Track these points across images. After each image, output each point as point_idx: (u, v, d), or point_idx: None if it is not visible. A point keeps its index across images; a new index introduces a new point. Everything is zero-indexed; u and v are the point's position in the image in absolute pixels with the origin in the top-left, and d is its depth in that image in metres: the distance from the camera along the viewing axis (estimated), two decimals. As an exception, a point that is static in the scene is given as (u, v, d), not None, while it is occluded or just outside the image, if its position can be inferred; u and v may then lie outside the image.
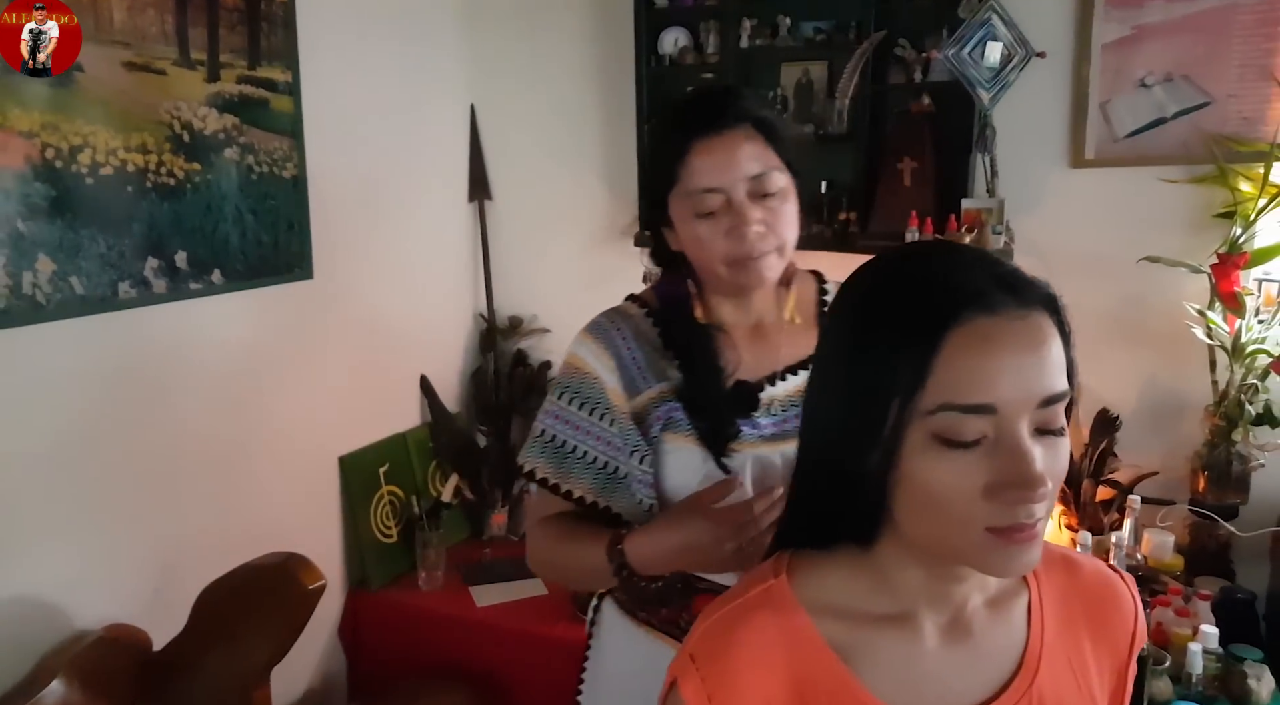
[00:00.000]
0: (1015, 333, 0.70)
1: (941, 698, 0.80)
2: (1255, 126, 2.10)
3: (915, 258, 0.81)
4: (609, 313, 1.29)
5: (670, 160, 1.17)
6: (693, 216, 1.16)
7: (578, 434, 1.22)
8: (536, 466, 1.24)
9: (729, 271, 1.17)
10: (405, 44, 2.58)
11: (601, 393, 1.21)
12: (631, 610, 1.28)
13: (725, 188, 1.14)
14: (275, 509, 2.25)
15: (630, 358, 1.22)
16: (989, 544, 0.71)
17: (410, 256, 2.66)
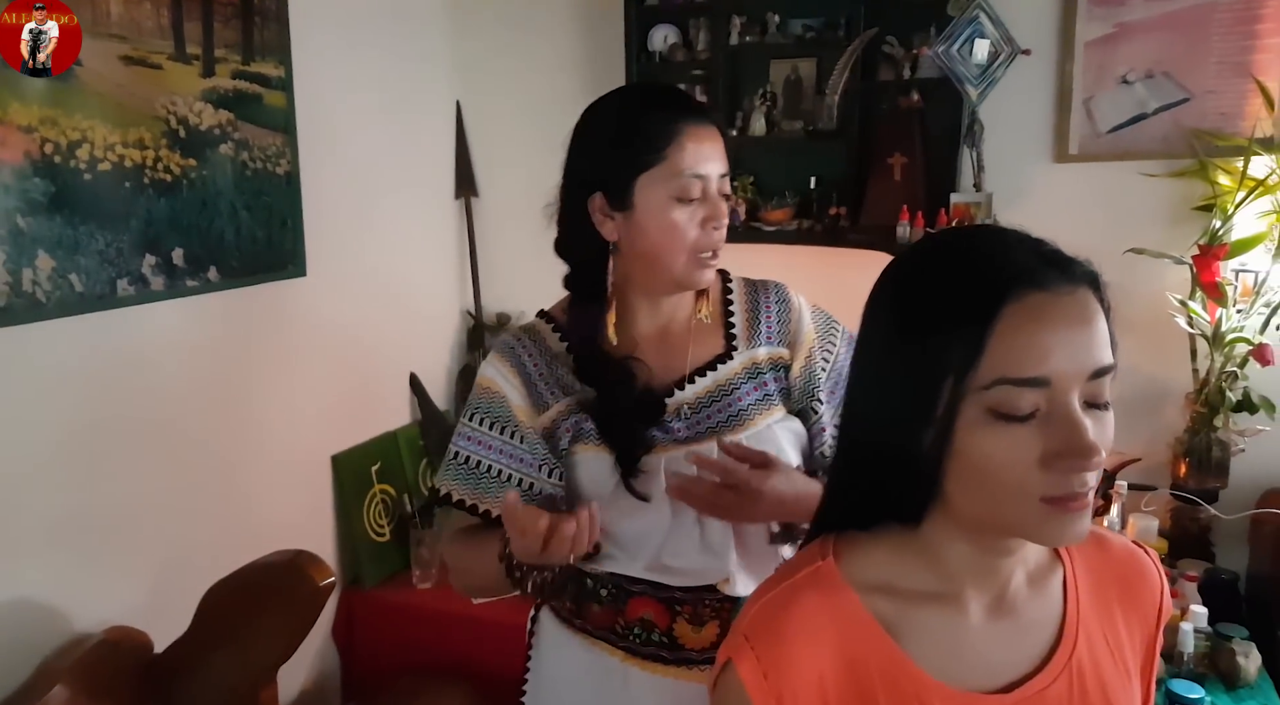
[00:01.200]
0: (1066, 307, 0.73)
1: (987, 671, 0.82)
2: (1233, 121, 2.17)
3: (961, 240, 0.84)
4: (517, 331, 1.29)
5: (660, 140, 1.14)
6: (671, 200, 1.14)
7: (490, 453, 1.21)
8: (452, 489, 1.23)
9: (686, 265, 1.16)
10: (392, 40, 2.57)
11: (509, 411, 1.20)
12: (567, 618, 1.27)
13: (708, 177, 1.15)
14: (271, 508, 2.23)
15: (537, 374, 1.22)
16: (1044, 513, 0.73)
17: (398, 254, 2.65)
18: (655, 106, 1.19)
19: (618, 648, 1.22)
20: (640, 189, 1.15)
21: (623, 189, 1.17)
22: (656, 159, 1.14)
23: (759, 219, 2.47)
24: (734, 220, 2.45)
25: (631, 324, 1.23)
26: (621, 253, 1.19)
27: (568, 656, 1.27)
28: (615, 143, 1.18)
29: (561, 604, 1.27)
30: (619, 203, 1.17)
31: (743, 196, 2.48)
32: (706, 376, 1.23)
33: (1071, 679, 0.83)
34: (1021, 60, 2.23)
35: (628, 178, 1.16)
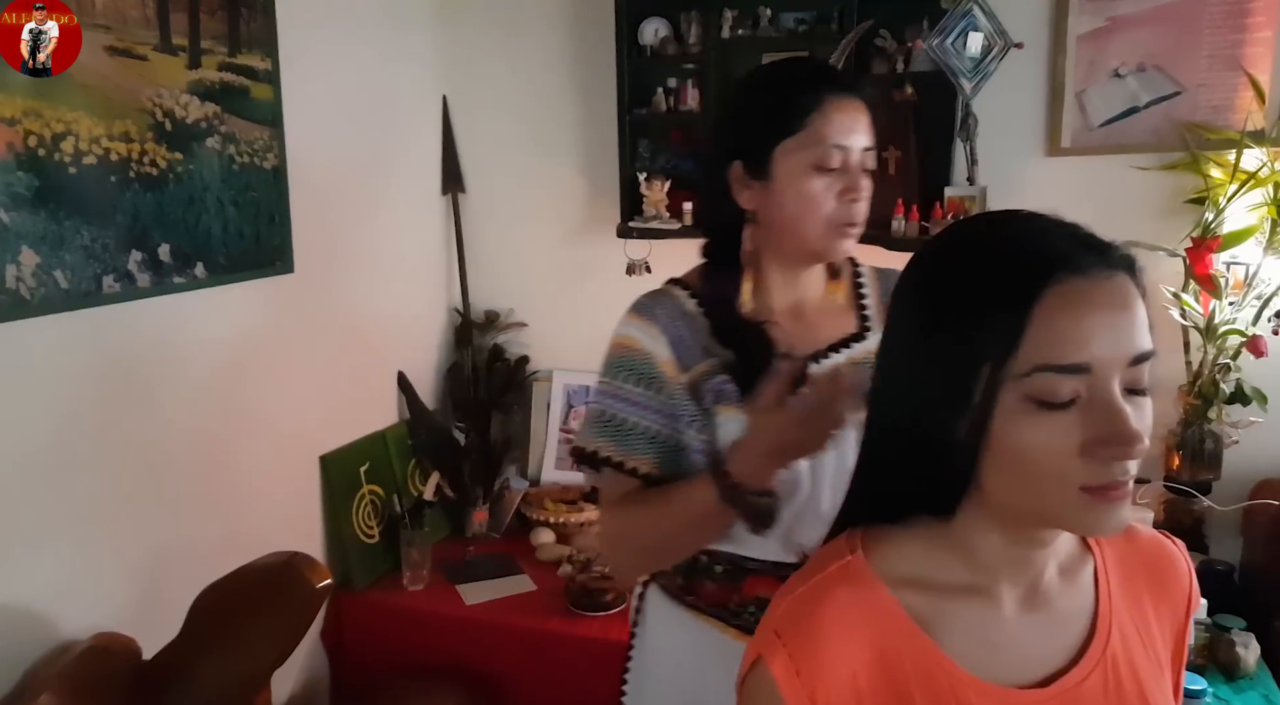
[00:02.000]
0: (1105, 292, 0.72)
1: (1022, 665, 0.81)
2: (1224, 114, 2.18)
3: (994, 226, 0.82)
4: (652, 295, 1.29)
5: (800, 108, 1.15)
6: (810, 169, 1.15)
7: (636, 410, 1.22)
8: (599, 447, 1.23)
9: (823, 236, 1.18)
10: (378, 33, 2.53)
11: (655, 367, 1.21)
12: (678, 595, 1.28)
13: (850, 149, 1.16)
14: (259, 510, 2.18)
15: (678, 336, 1.23)
16: (1084, 503, 0.72)
17: (385, 250, 2.61)
18: (799, 76, 1.20)
19: (730, 626, 1.23)
20: (778, 157, 1.16)
21: (761, 157, 1.18)
22: (796, 127, 1.15)
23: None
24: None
25: (766, 295, 1.25)
26: (758, 222, 1.21)
27: (675, 633, 1.28)
28: (755, 111, 1.20)
29: (671, 581, 1.28)
30: (757, 171, 1.19)
31: (736, 191, 2.46)
32: (841, 353, 1.24)
33: (1106, 672, 0.82)
34: (1014, 54, 2.23)
35: (766, 146, 1.17)
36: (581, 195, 2.75)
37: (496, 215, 2.86)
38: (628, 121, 2.48)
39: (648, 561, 1.28)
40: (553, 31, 2.68)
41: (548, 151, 2.75)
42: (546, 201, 2.79)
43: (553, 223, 2.80)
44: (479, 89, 2.79)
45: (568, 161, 2.74)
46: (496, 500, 2.75)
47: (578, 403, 2.83)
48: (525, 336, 2.88)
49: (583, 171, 2.73)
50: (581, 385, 2.83)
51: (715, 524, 1.15)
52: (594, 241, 2.72)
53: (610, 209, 2.64)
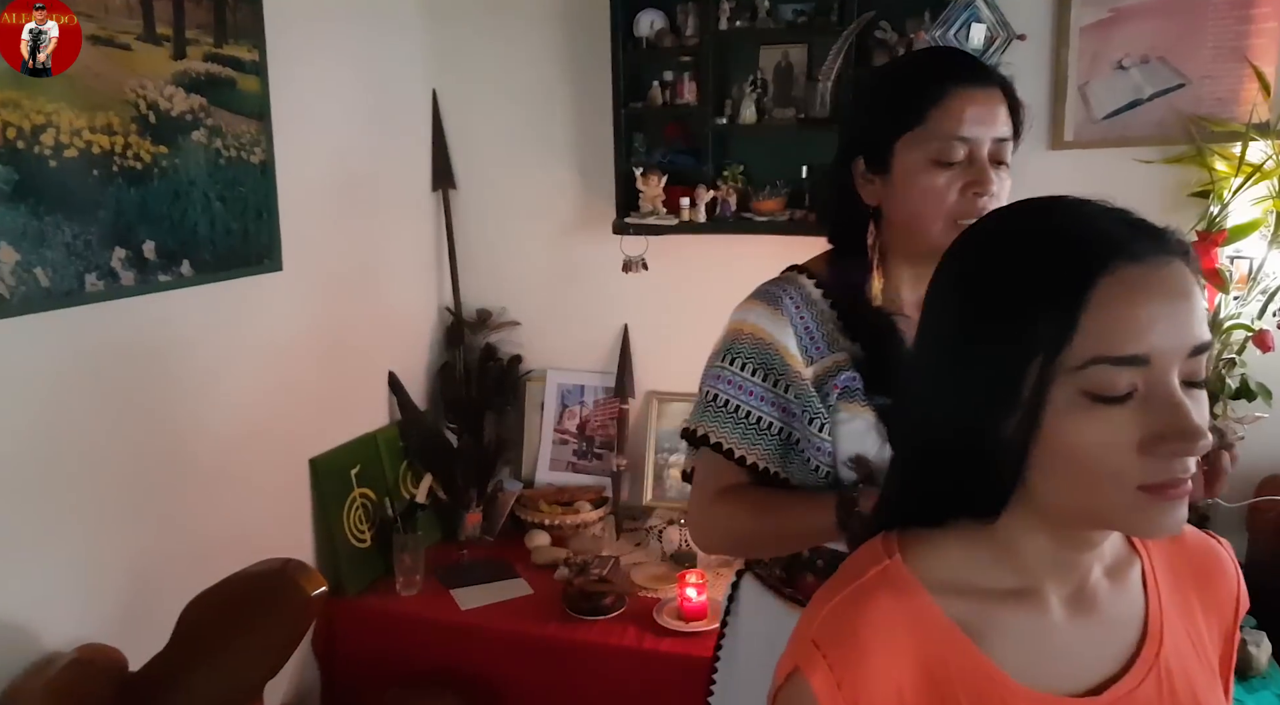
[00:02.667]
0: (1164, 279, 0.68)
1: (1072, 672, 0.77)
2: (1229, 107, 2.16)
3: (1040, 212, 0.78)
4: (776, 282, 1.25)
5: (922, 101, 1.12)
6: (931, 163, 1.12)
7: (753, 400, 1.18)
8: (710, 431, 1.19)
9: (945, 231, 1.13)
10: (366, 24, 2.47)
11: (779, 358, 1.17)
12: (776, 587, 1.27)
13: (976, 141, 1.12)
14: (247, 515, 2.12)
15: (804, 326, 1.19)
16: (1141, 502, 0.68)
17: (375, 248, 2.55)
18: (926, 68, 1.18)
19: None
20: (899, 151, 1.14)
21: (882, 151, 1.15)
22: (916, 120, 1.12)
23: (750, 209, 2.41)
24: (724, 211, 2.41)
25: (895, 289, 1.21)
26: (884, 218, 1.19)
27: (770, 622, 1.25)
28: (878, 104, 1.18)
29: (770, 572, 1.27)
30: (878, 165, 1.16)
31: (732, 186, 2.42)
32: None
33: (1160, 678, 0.78)
34: (1017, 46, 2.19)
35: (887, 140, 1.14)
36: (575, 191, 2.70)
37: (488, 212, 2.80)
38: (623, 115, 2.43)
39: (740, 551, 1.30)
40: (545, 24, 2.63)
41: (540, 146, 2.70)
42: (539, 197, 2.73)
43: (546, 219, 2.74)
44: (470, 83, 2.73)
45: (561, 157, 2.69)
46: (490, 502, 2.70)
47: (571, 402, 2.78)
48: (518, 335, 2.83)
49: (576, 167, 2.68)
50: (576, 384, 2.78)
51: (819, 541, 1.16)
52: (588, 238, 2.67)
53: (605, 205, 2.59)
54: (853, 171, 1.19)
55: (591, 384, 2.76)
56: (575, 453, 2.77)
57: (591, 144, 2.61)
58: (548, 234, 2.75)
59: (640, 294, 2.63)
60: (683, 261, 2.56)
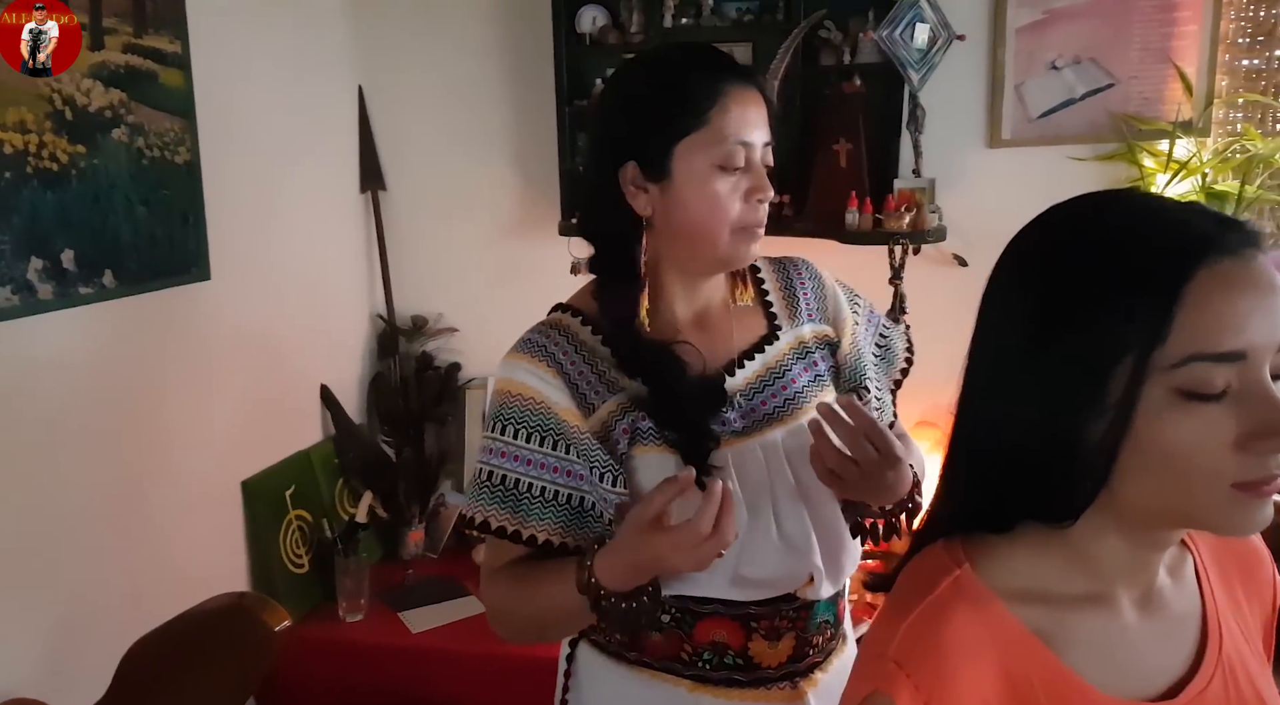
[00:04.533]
0: (1255, 274, 0.67)
1: (1147, 675, 0.76)
2: (1154, 106, 2.25)
3: (1113, 207, 0.76)
4: (539, 328, 1.14)
5: (700, 102, 1.03)
6: (713, 169, 1.04)
7: (530, 469, 1.06)
8: (490, 516, 1.06)
9: (730, 241, 1.06)
10: (289, 16, 2.32)
11: (551, 416, 1.06)
12: (617, 651, 1.13)
13: (753, 145, 1.05)
14: (177, 546, 1.96)
15: (576, 372, 1.08)
16: (1235, 500, 0.67)
17: (302, 254, 2.40)
18: (695, 66, 1.07)
19: (684, 677, 1.09)
20: (679, 156, 1.04)
21: (659, 157, 1.05)
22: (697, 123, 1.03)
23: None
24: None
25: (668, 308, 1.12)
26: (656, 229, 1.08)
27: (618, 695, 1.12)
28: (650, 106, 1.06)
29: (608, 637, 1.13)
30: (654, 172, 1.05)
31: (681, 186, 2.38)
32: (755, 360, 1.13)
33: (1225, 676, 0.78)
34: (956, 46, 2.23)
35: (665, 144, 1.04)
36: (515, 191, 2.61)
37: (421, 214, 2.68)
38: (567, 113, 2.36)
39: (531, 638, 1.15)
40: (480, 18, 2.53)
41: (477, 145, 2.60)
42: (476, 198, 2.63)
43: (484, 221, 2.65)
44: (398, 79, 2.61)
45: (499, 156, 2.60)
46: (433, 518, 2.59)
47: (514, 411, 2.69)
48: (456, 342, 2.72)
49: (516, 166, 2.59)
50: (518, 392, 2.69)
51: (586, 620, 1.03)
52: (530, 240, 2.59)
53: (548, 206, 2.52)
54: (620, 179, 1.07)
55: (535, 391, 2.67)
56: (520, 462, 2.67)
57: (532, 143, 2.52)
58: (486, 236, 2.65)
59: (584, 297, 2.56)
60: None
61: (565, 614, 1.03)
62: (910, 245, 2.19)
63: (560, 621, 1.07)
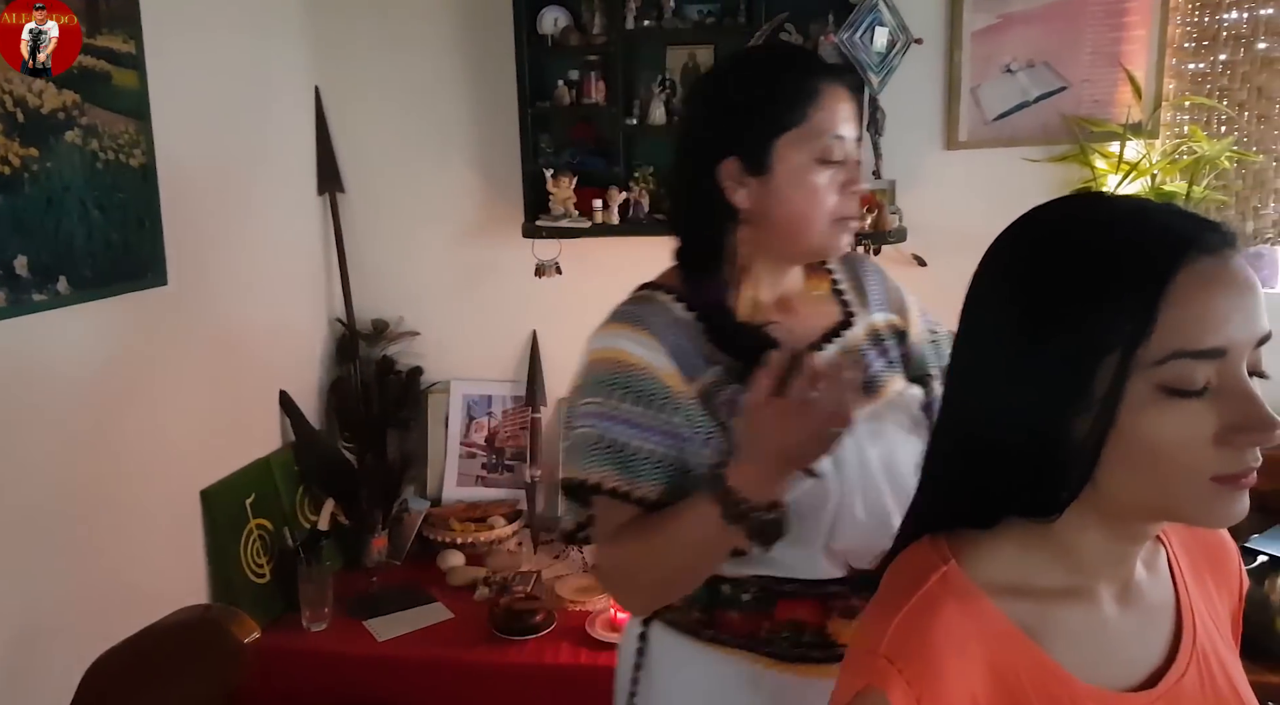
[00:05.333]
0: (1234, 272, 0.69)
1: (1125, 666, 0.78)
2: (1105, 108, 2.31)
3: (1097, 207, 0.78)
4: (635, 302, 1.18)
5: (799, 99, 1.09)
6: (812, 162, 1.10)
7: (638, 431, 1.10)
8: (603, 477, 1.10)
9: (826, 232, 1.12)
10: (244, 14, 2.27)
11: (656, 381, 1.10)
12: (694, 630, 1.17)
13: (849, 138, 1.11)
14: (136, 557, 1.91)
15: (675, 342, 1.12)
16: (1213, 493, 0.69)
17: (260, 257, 2.35)
18: (792, 65, 1.14)
19: (760, 655, 1.13)
20: (779, 151, 1.10)
21: (760, 152, 1.11)
22: (797, 119, 1.09)
23: (663, 211, 2.38)
24: (637, 213, 2.37)
25: (753, 293, 1.18)
26: (752, 221, 1.14)
27: (693, 673, 1.16)
28: (752, 103, 1.12)
29: (685, 615, 1.17)
30: (755, 167, 1.11)
31: (644, 188, 2.38)
32: (834, 343, 1.19)
33: (1200, 665, 0.80)
34: (914, 49, 2.27)
35: (765, 140, 1.10)
36: (476, 193, 2.59)
37: (380, 216, 2.65)
38: (529, 115, 2.35)
39: (658, 595, 1.15)
40: (439, 18, 2.51)
41: (436, 147, 2.58)
42: (437, 200, 2.61)
43: (444, 223, 2.62)
44: (355, 80, 2.57)
45: (459, 157, 2.58)
46: (395, 524, 2.55)
47: (478, 414, 2.67)
48: (418, 346, 2.69)
49: (476, 168, 2.57)
50: (483, 395, 2.67)
51: (722, 547, 1.05)
52: (492, 242, 2.57)
53: (510, 207, 2.50)
54: (719, 175, 1.12)
55: (499, 393, 2.66)
56: (485, 466, 2.66)
57: (494, 144, 2.51)
58: (447, 238, 2.63)
59: (549, 298, 2.55)
60: (593, 264, 2.50)
61: (700, 548, 1.05)
62: (872, 246, 2.22)
63: (695, 559, 1.07)
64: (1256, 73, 2.22)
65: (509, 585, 2.31)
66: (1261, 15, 2.21)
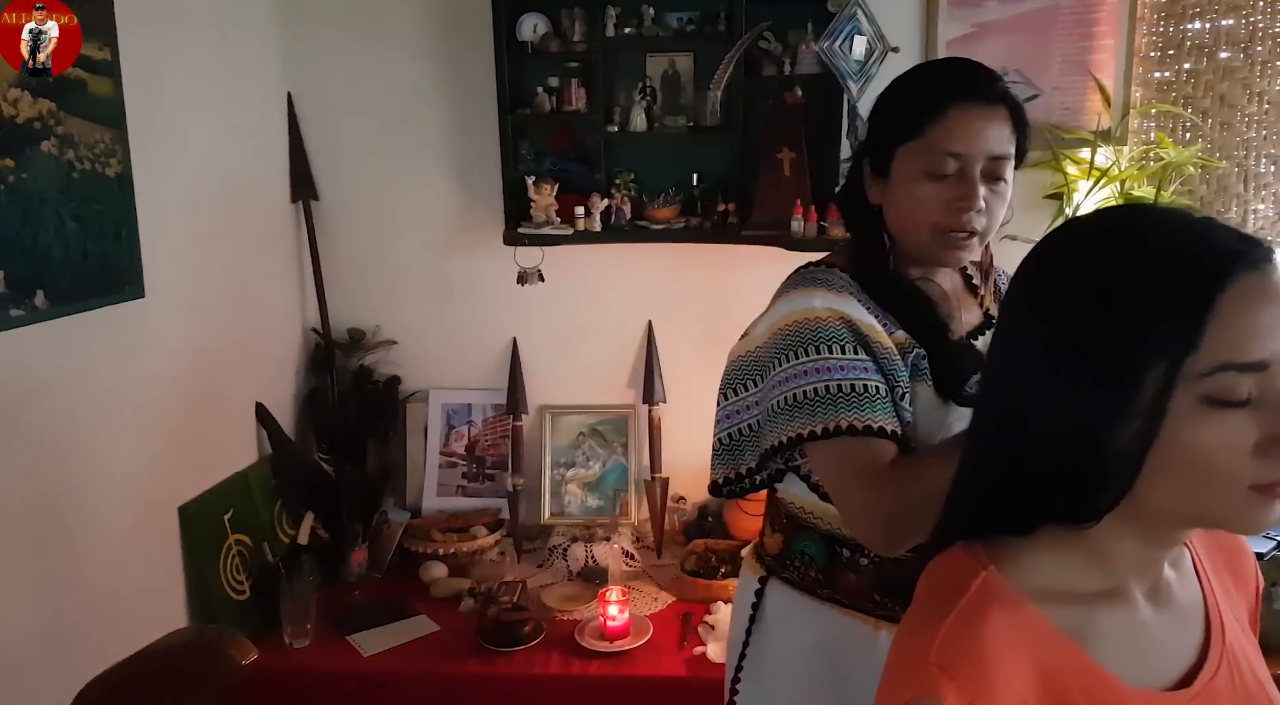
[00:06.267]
0: (1276, 287, 0.71)
1: (1164, 666, 0.80)
2: (1076, 116, 2.36)
3: (1142, 222, 0.79)
4: (815, 272, 1.25)
5: (923, 112, 1.15)
6: (922, 174, 1.15)
7: (862, 373, 1.12)
8: (839, 420, 1.10)
9: (930, 240, 1.18)
10: (218, 21, 2.22)
11: (859, 331, 1.15)
12: (810, 588, 1.27)
13: (968, 157, 1.14)
14: (114, 577, 1.85)
15: (866, 304, 1.20)
16: (1251, 501, 0.71)
17: (234, 267, 2.30)
18: (932, 80, 1.20)
19: (870, 615, 1.22)
20: (898, 159, 1.18)
21: (883, 158, 1.19)
22: (915, 132, 1.15)
23: (645, 217, 2.38)
24: (619, 220, 2.37)
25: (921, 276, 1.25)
26: (882, 218, 1.23)
27: (804, 627, 1.26)
28: (885, 112, 1.22)
29: (803, 574, 1.28)
30: (880, 169, 1.21)
31: (625, 194, 2.38)
32: (978, 341, 1.25)
33: (1230, 663, 0.82)
34: (892, 58, 2.29)
35: (888, 147, 1.18)
36: (454, 200, 2.57)
37: (355, 224, 2.61)
38: (509, 122, 2.34)
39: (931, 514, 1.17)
40: (415, 25, 2.48)
41: (413, 154, 2.55)
42: (414, 208, 2.58)
43: (421, 230, 2.59)
44: (329, 86, 2.53)
45: (436, 164, 2.55)
46: (375, 537, 2.52)
47: (458, 423, 2.65)
48: (395, 355, 2.65)
49: (454, 175, 2.55)
50: (462, 403, 2.65)
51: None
52: (472, 249, 2.55)
53: (489, 214, 2.48)
54: (863, 172, 1.24)
55: (479, 402, 2.64)
56: (465, 475, 2.64)
57: (472, 151, 2.49)
58: (424, 246, 2.60)
59: (529, 306, 2.54)
60: (574, 271, 2.50)
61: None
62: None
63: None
64: (1219, 81, 2.29)
65: (495, 596, 2.29)
66: (1222, 25, 2.28)
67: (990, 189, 1.16)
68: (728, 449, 1.31)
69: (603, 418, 2.59)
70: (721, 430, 1.32)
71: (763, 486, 1.33)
